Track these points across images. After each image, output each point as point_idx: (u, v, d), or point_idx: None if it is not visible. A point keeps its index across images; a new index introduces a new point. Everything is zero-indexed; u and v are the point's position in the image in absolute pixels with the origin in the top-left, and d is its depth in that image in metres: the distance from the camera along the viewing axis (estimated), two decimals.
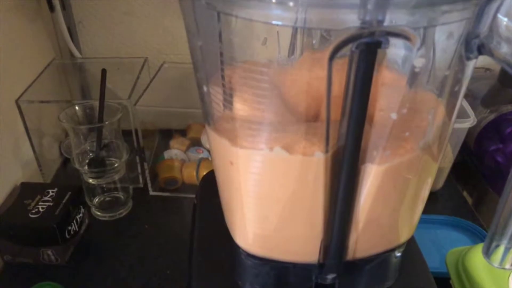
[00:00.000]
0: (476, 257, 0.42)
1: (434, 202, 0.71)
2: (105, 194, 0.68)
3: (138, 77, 0.71)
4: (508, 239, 0.26)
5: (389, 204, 0.28)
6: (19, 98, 0.64)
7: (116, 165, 0.64)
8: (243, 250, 0.31)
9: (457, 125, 0.65)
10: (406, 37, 0.20)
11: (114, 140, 0.64)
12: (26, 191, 0.61)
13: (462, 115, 0.66)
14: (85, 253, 0.61)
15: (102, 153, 0.63)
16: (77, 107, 0.64)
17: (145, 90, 0.67)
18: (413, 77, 0.22)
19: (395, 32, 0.19)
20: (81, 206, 0.63)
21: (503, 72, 0.75)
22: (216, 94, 0.27)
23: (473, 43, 0.22)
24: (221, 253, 0.36)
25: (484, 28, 0.21)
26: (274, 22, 0.22)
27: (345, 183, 0.25)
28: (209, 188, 0.44)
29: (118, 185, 0.67)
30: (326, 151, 0.24)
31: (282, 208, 0.27)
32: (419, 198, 0.29)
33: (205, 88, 0.27)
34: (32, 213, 0.57)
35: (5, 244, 0.57)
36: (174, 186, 0.72)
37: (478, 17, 0.21)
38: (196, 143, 0.75)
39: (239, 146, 0.25)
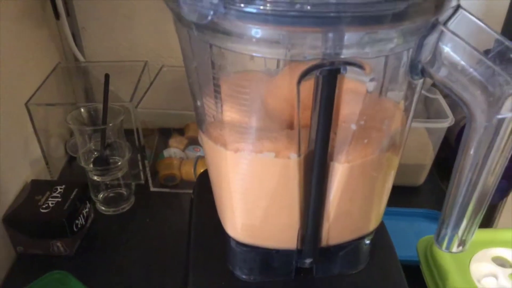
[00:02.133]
0: None
1: (416, 197, 0.76)
2: (109, 190, 0.73)
3: (139, 80, 0.75)
4: (452, 228, 0.30)
5: (355, 197, 0.33)
6: (28, 101, 0.69)
7: (119, 163, 0.68)
8: (232, 239, 0.36)
9: (437, 125, 0.70)
10: (359, 66, 0.25)
11: (117, 140, 0.69)
12: (36, 188, 0.65)
13: (442, 115, 0.71)
14: (91, 245, 0.66)
15: (106, 152, 0.67)
16: (82, 109, 0.69)
17: (145, 93, 0.72)
18: (368, 96, 0.27)
19: (350, 62, 0.24)
20: (87, 202, 0.67)
21: None
22: (208, 105, 0.31)
23: (417, 67, 0.26)
24: (215, 242, 0.41)
25: (426, 55, 0.26)
26: (255, 54, 0.26)
27: (317, 180, 0.29)
28: (204, 185, 0.49)
29: (121, 182, 0.72)
30: (299, 155, 0.29)
31: (265, 202, 0.32)
32: (383, 191, 0.34)
33: (198, 102, 0.32)
34: (43, 208, 0.62)
35: (18, 237, 0.62)
36: (173, 182, 0.77)
37: (419, 47, 0.26)
38: (194, 142, 0.80)
39: (228, 149, 0.30)
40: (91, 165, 0.67)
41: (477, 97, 0.26)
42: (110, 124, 0.65)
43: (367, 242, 0.37)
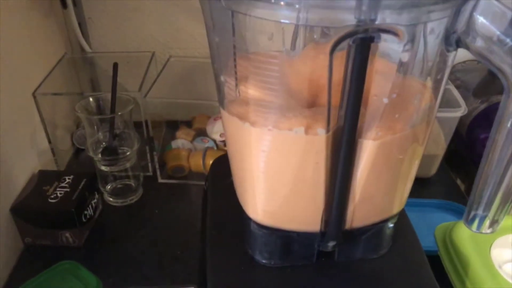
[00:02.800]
0: (461, 230, 0.46)
1: (428, 188, 0.76)
2: (117, 181, 0.72)
3: (147, 71, 0.74)
4: (483, 208, 0.30)
5: (381, 178, 0.32)
6: (35, 91, 0.68)
7: (128, 153, 0.68)
8: (253, 222, 0.35)
9: (449, 114, 0.69)
10: (394, 33, 0.24)
11: (126, 130, 0.68)
12: (44, 178, 0.65)
13: (454, 104, 0.70)
14: (100, 235, 0.65)
15: (115, 142, 0.66)
16: (91, 99, 0.68)
17: (153, 83, 0.71)
18: (401, 67, 0.26)
19: (385, 29, 0.23)
20: (96, 192, 0.66)
21: None
22: (230, 81, 0.31)
23: (452, 38, 0.25)
24: (233, 227, 0.40)
25: (461, 25, 0.25)
26: (282, 20, 0.26)
27: (344, 158, 0.29)
28: (218, 173, 0.48)
29: (130, 173, 0.71)
30: (328, 131, 0.28)
31: (289, 182, 0.31)
32: (408, 174, 0.33)
33: (222, 78, 0.31)
34: (51, 198, 0.61)
35: (26, 227, 0.61)
36: (181, 174, 0.76)
37: (456, 15, 0.25)
38: (202, 133, 0.79)
39: (251, 125, 0.29)
40: (100, 155, 0.66)
41: None
42: (119, 113, 0.64)
43: (391, 225, 0.36)
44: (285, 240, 0.35)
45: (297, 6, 0.24)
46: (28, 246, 0.63)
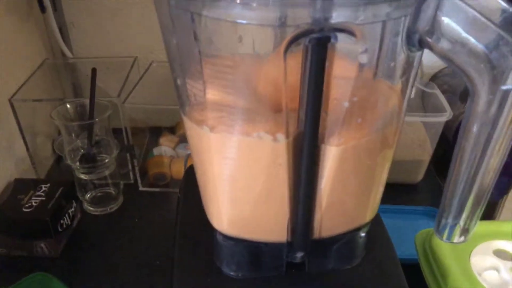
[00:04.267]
0: None
1: (414, 194, 0.74)
2: (97, 189, 0.70)
3: (127, 76, 0.73)
4: (453, 217, 0.28)
5: (349, 184, 0.30)
6: (12, 96, 0.66)
7: (106, 160, 0.66)
8: (219, 232, 0.33)
9: (434, 119, 0.68)
10: (351, 32, 0.22)
11: (105, 137, 0.67)
12: (20, 187, 0.63)
13: (440, 109, 0.69)
14: (77, 246, 0.63)
15: (93, 149, 0.65)
16: (68, 105, 0.66)
17: (134, 88, 0.70)
18: (362, 69, 0.24)
19: (341, 28, 0.22)
20: (73, 201, 0.65)
21: None
22: (191, 86, 0.29)
23: (414, 38, 0.24)
24: (202, 239, 0.38)
25: (424, 24, 0.24)
26: (237, 20, 0.24)
27: (307, 164, 0.27)
28: (192, 180, 0.46)
29: (109, 181, 0.70)
30: (287, 136, 0.27)
31: (251, 190, 0.30)
32: (378, 179, 0.32)
33: (179, 81, 0.30)
34: (26, 207, 0.59)
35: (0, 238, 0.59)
36: (163, 181, 0.74)
37: (417, 14, 0.23)
38: (185, 140, 0.78)
39: (212, 131, 0.28)
40: (78, 163, 0.65)
41: (480, 69, 0.24)
42: (97, 119, 0.63)
43: (363, 234, 0.35)
44: (252, 251, 0.33)
45: (254, 4, 0.23)
46: (2, 257, 0.61)
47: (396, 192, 0.71)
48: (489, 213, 0.74)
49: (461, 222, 0.29)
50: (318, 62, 0.23)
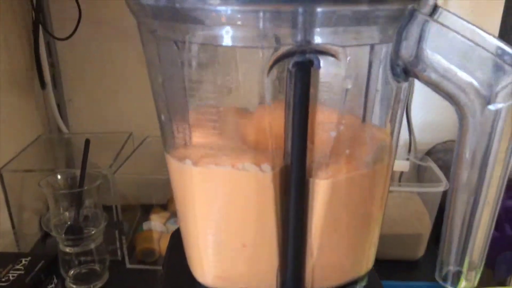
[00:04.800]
0: None
1: (415, 271, 0.70)
2: (81, 266, 0.66)
3: (121, 149, 0.73)
4: (454, 264, 0.26)
5: (340, 226, 0.28)
6: (2, 167, 0.65)
7: (93, 232, 0.63)
8: (203, 287, 0.31)
9: (431, 189, 0.66)
10: (333, 55, 0.22)
11: (93, 209, 0.65)
12: None
13: (435, 180, 0.68)
14: None
15: (81, 220, 0.63)
16: (59, 176, 0.65)
17: (126, 160, 0.69)
18: (347, 96, 0.24)
19: (322, 50, 0.22)
20: (54, 277, 0.61)
21: None
22: (176, 125, 0.29)
23: (398, 68, 0.24)
24: None
25: (408, 54, 0.24)
26: (225, 44, 0.24)
27: (295, 199, 0.26)
28: (177, 243, 0.44)
29: (95, 257, 0.66)
30: (273, 167, 0.26)
31: (236, 232, 0.28)
32: (371, 225, 0.30)
33: (163, 117, 0.29)
34: (2, 281, 0.55)
35: None
36: (152, 258, 0.71)
37: (398, 42, 0.24)
38: (176, 215, 0.76)
39: (194, 165, 0.26)
40: (63, 235, 0.62)
41: (468, 96, 0.23)
42: (86, 187, 0.62)
43: None
44: None
45: (239, 22, 0.23)
46: None
47: (396, 269, 0.68)
48: None
49: (464, 269, 0.27)
50: (302, 87, 0.23)
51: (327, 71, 0.23)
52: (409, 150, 0.80)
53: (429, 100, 0.87)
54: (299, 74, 0.23)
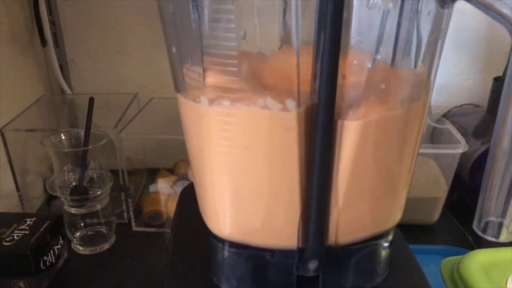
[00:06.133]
0: (472, 263, 0.39)
1: (431, 235, 0.69)
2: (88, 228, 0.65)
3: (126, 110, 0.70)
4: (496, 214, 0.24)
5: (370, 172, 0.26)
6: (4, 126, 0.63)
7: (98, 193, 0.62)
8: (217, 239, 0.29)
9: (448, 151, 0.64)
10: None
11: (99, 170, 0.63)
12: (2, 220, 0.58)
13: (453, 141, 0.65)
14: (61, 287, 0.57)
15: (86, 182, 0.61)
16: (62, 135, 0.63)
17: (131, 120, 0.67)
18: (387, 17, 0.21)
19: None
20: (60, 237, 0.59)
21: (492, 103, 0.76)
22: (188, 68, 0.26)
23: None
24: (197, 255, 0.33)
25: None
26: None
27: (322, 141, 0.23)
28: (187, 199, 0.42)
29: (102, 219, 0.65)
30: (298, 104, 0.23)
31: (255, 178, 0.25)
32: (402, 174, 0.27)
33: (174, 49, 0.26)
34: (6, 241, 0.54)
35: None
36: (158, 221, 0.69)
37: None
38: (183, 178, 0.74)
39: (210, 104, 0.24)
40: (68, 195, 0.60)
41: None
42: (91, 146, 0.59)
43: (385, 244, 0.30)
44: (256, 262, 0.28)
45: None
46: None
47: (411, 233, 0.65)
48: None
49: (507, 220, 0.25)
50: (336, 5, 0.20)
51: None
52: None
53: (446, 62, 0.84)
54: None
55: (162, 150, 0.79)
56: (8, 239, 0.54)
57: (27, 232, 0.55)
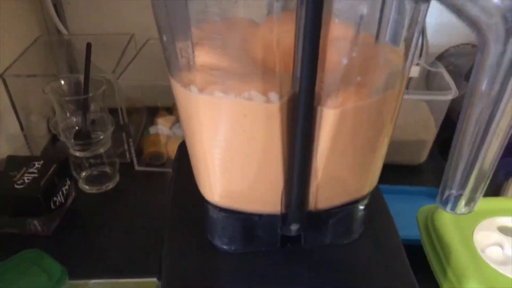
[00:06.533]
0: (444, 214, 0.42)
1: (417, 175, 0.72)
2: (92, 168, 0.69)
3: (123, 53, 0.71)
4: (457, 187, 0.27)
5: (347, 152, 0.28)
6: (4, 72, 0.64)
7: (101, 137, 0.64)
8: (210, 204, 0.32)
9: (439, 97, 0.66)
10: None
11: (99, 113, 0.65)
12: (12, 164, 0.61)
13: (445, 88, 0.67)
14: (71, 224, 0.62)
15: (88, 126, 0.63)
16: (62, 81, 0.64)
17: (129, 64, 0.68)
18: (361, 22, 0.22)
19: None
20: (67, 178, 0.63)
21: None
22: (179, 45, 0.27)
23: None
24: (194, 212, 0.37)
25: None
26: None
27: (302, 128, 0.25)
28: (185, 155, 0.45)
29: (105, 160, 0.68)
30: (281, 96, 0.25)
31: (243, 157, 0.28)
32: (378, 150, 0.30)
33: (165, 38, 0.28)
34: (18, 184, 0.58)
35: None
36: (159, 161, 0.73)
37: None
38: None
39: (199, 92, 0.26)
40: (72, 140, 0.63)
41: (492, 24, 0.21)
42: (91, 94, 0.61)
43: (361, 207, 0.33)
44: (244, 224, 0.32)
45: None
46: None
47: (399, 173, 0.69)
48: (495, 194, 0.72)
49: (466, 193, 0.27)
50: (315, 10, 0.21)
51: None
52: (420, 55, 0.78)
53: None
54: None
55: (160, 90, 0.80)
56: (19, 182, 0.58)
57: (36, 175, 0.59)
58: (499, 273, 0.38)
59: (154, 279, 0.54)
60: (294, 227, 0.31)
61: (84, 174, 0.68)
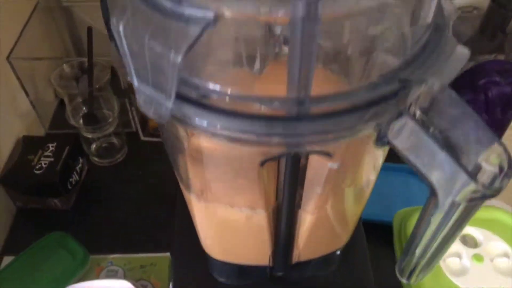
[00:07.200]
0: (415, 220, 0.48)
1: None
2: (101, 140, 0.73)
3: None
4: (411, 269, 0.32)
5: (324, 232, 0.34)
6: (9, 54, 0.66)
7: (110, 119, 0.68)
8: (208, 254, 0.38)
9: None
10: (325, 153, 0.24)
11: (103, 93, 0.68)
12: (29, 146, 0.66)
13: None
14: (87, 198, 0.68)
15: (95, 111, 0.67)
16: (64, 66, 0.66)
17: None
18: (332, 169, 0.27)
19: (315, 151, 0.24)
20: (79, 157, 0.68)
21: (484, 21, 0.75)
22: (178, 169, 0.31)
23: (383, 141, 0.25)
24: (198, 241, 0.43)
25: (393, 133, 0.25)
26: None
27: (285, 226, 0.31)
28: None
29: (113, 135, 0.72)
30: (266, 210, 0.30)
31: (233, 240, 0.34)
32: (354, 216, 0.35)
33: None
34: (36, 169, 0.63)
35: (15, 195, 0.65)
36: None
37: (385, 129, 0.24)
38: None
39: (197, 200, 0.31)
40: (81, 123, 0.67)
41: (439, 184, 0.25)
42: (97, 86, 0.64)
43: (338, 253, 0.39)
44: (238, 269, 0.38)
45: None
46: (20, 209, 0.67)
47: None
48: None
49: (417, 270, 0.33)
50: (292, 171, 0.25)
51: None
52: None
53: None
54: (290, 162, 0.25)
55: None
56: (37, 167, 0.63)
57: (52, 159, 0.64)
58: (454, 283, 0.45)
59: (167, 254, 0.61)
60: (280, 273, 0.38)
61: (94, 147, 0.73)
